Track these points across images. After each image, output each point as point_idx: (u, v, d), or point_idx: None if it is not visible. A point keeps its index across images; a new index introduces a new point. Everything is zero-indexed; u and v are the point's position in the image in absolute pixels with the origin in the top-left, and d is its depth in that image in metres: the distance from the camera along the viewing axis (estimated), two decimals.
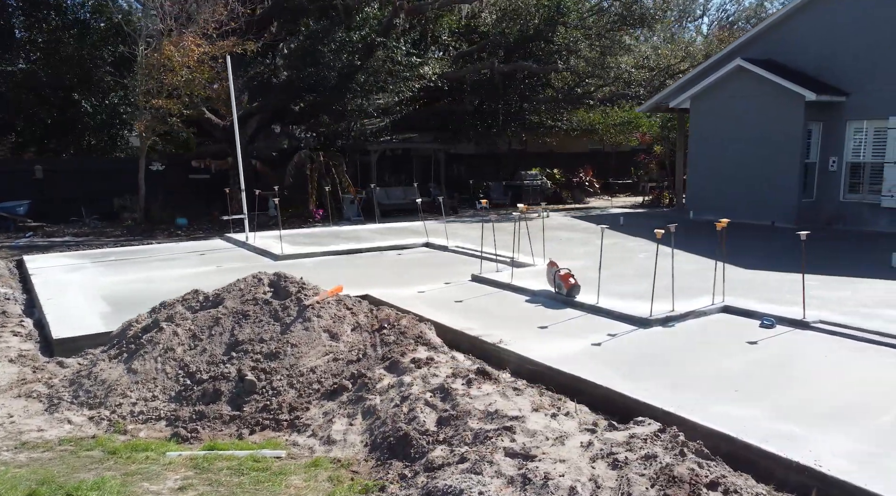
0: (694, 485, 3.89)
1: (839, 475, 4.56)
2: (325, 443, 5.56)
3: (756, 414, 5.60)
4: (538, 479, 4.19)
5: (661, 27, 27.81)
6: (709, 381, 6.35)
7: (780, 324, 8.28)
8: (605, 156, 32.72)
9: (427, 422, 5.31)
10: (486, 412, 5.20)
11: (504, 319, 8.69)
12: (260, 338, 6.77)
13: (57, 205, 20.24)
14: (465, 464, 4.53)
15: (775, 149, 17.85)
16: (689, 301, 9.21)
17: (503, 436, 4.83)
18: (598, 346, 7.51)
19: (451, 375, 5.85)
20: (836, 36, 17.29)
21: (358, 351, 6.72)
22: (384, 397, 5.87)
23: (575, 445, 4.66)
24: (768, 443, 5.04)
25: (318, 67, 20.11)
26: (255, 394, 6.25)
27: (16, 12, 25.24)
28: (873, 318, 8.21)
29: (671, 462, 4.08)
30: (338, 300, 7.38)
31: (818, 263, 12.18)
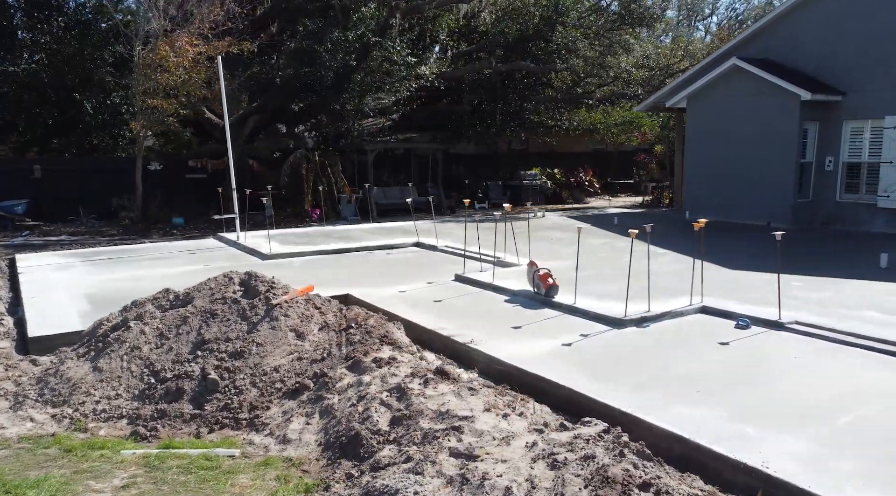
0: (626, 485, 3.86)
1: (784, 476, 4.53)
2: (280, 442, 5.57)
3: (714, 414, 5.57)
4: (476, 479, 4.18)
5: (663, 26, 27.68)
6: (673, 382, 6.31)
7: (755, 325, 8.22)
8: (607, 156, 32.62)
9: (380, 422, 5.31)
10: (437, 412, 5.19)
11: (480, 319, 8.68)
12: (226, 337, 6.80)
13: (55, 204, 20.40)
14: (408, 464, 4.53)
15: (771, 148, 17.73)
16: (666, 301, 9.16)
17: (450, 436, 4.82)
18: (568, 347, 7.48)
19: (409, 375, 5.85)
20: (832, 35, 17.15)
21: (323, 350, 6.73)
22: (342, 397, 5.88)
23: (520, 446, 4.64)
24: (719, 444, 5.01)
25: (315, 67, 20.16)
26: (218, 392, 6.26)
27: (17, 13, 25.45)
28: (850, 319, 8.14)
29: (607, 463, 4.06)
30: (307, 299, 7.39)
31: (808, 264, 12.12)
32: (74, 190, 20.77)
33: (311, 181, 20.25)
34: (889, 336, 7.37)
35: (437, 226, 18.45)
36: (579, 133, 30.13)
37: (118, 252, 14.73)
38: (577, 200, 27.94)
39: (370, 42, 20.26)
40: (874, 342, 7.31)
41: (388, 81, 20.96)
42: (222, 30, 20.33)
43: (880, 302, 9.07)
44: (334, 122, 22.26)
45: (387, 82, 20.93)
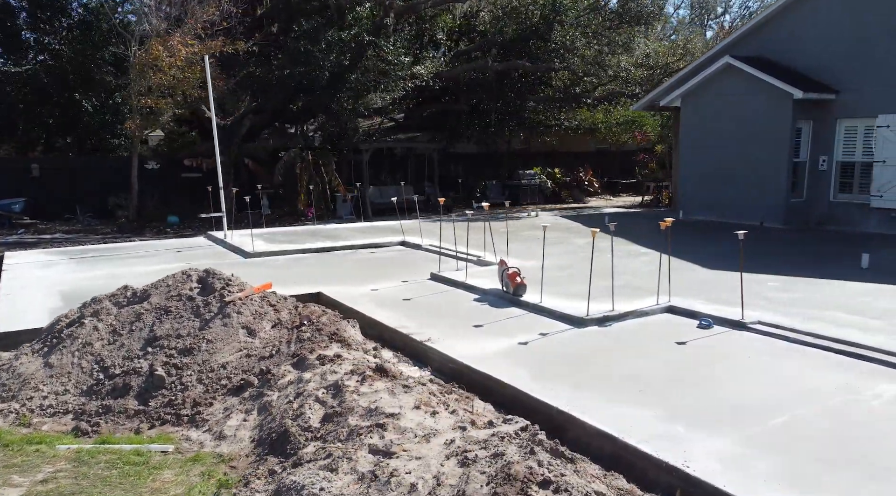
0: (526, 482, 3.84)
1: (702, 476, 4.49)
2: (216, 439, 5.60)
3: (651, 414, 5.54)
4: (384, 476, 4.18)
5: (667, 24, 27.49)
6: (618, 381, 6.28)
7: (718, 325, 8.16)
8: (609, 155, 32.47)
9: (312, 419, 5.32)
10: (367, 409, 5.20)
11: (445, 317, 8.67)
12: (177, 333, 6.84)
13: (53, 202, 20.63)
14: (325, 460, 4.54)
15: (763, 148, 17.56)
16: (633, 301, 9.11)
17: (374, 433, 4.83)
18: (524, 345, 7.46)
19: (349, 372, 5.86)
20: (827, 33, 16.96)
21: (273, 347, 6.76)
22: (282, 393, 5.90)
23: (439, 443, 4.63)
24: (646, 444, 4.98)
25: (310, 67, 20.22)
26: (164, 389, 6.31)
27: (21, 13, 25.75)
28: (815, 320, 8.05)
29: (513, 460, 4.04)
30: (262, 297, 7.43)
31: (790, 264, 12.00)
32: (72, 189, 21.01)
33: (304, 180, 20.32)
34: (848, 336, 7.28)
35: (429, 225, 18.46)
36: (581, 133, 30.03)
37: (105, 250, 14.87)
38: (577, 200, 27.84)
39: (364, 41, 20.30)
40: (832, 343, 7.23)
41: (383, 81, 20.97)
42: (217, 30, 20.48)
43: (851, 303, 8.96)
44: (331, 121, 22.33)
45: (382, 82, 20.95)
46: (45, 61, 25.85)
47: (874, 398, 5.82)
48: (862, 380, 6.23)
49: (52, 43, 25.87)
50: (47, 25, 25.65)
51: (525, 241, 15.39)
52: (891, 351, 6.81)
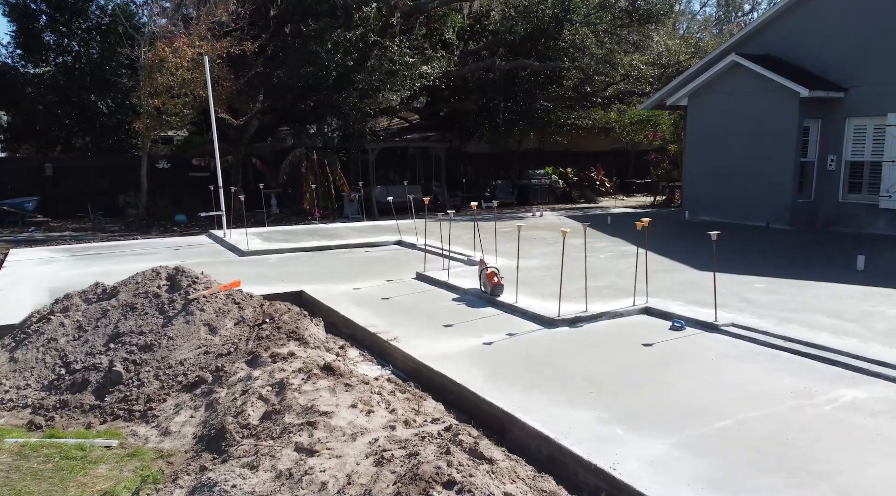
0: (430, 482, 3.82)
1: (626, 479, 4.44)
2: (161, 434, 5.67)
3: (595, 415, 5.48)
4: (298, 475, 4.20)
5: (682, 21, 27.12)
6: (572, 383, 6.21)
7: (691, 327, 8.04)
8: (625, 155, 32.14)
9: (252, 416, 5.36)
10: (305, 407, 5.22)
11: (418, 316, 8.67)
12: (140, 330, 6.94)
13: (65, 201, 21.07)
14: (249, 458, 4.57)
15: (770, 147, 17.25)
16: (610, 302, 9.03)
17: (304, 431, 4.85)
18: (488, 346, 7.42)
19: (297, 371, 5.89)
20: (835, 30, 16.60)
21: (232, 344, 6.82)
22: (230, 390, 5.95)
23: (364, 442, 4.64)
24: (580, 446, 4.93)
25: (316, 67, 20.35)
26: (121, 385, 6.40)
27: (40, 16, 26.31)
28: (791, 322, 7.89)
29: (423, 460, 4.03)
30: (227, 295, 7.49)
31: (784, 266, 11.79)
32: (84, 187, 21.42)
33: (309, 180, 20.45)
34: (818, 339, 7.13)
35: (431, 224, 18.46)
36: (595, 132, 29.80)
37: (107, 248, 15.14)
38: (589, 200, 27.63)
39: (370, 42, 20.36)
40: (801, 345, 7.08)
41: (389, 81, 21.01)
42: (226, 30, 20.71)
43: (833, 305, 8.76)
44: (338, 121, 22.45)
45: (388, 82, 20.99)
46: (63, 63, 26.40)
47: (828, 402, 5.69)
48: (821, 384, 6.09)
49: (72, 45, 26.42)
50: (65, 28, 26.20)
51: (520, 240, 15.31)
52: (858, 354, 6.65)
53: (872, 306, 8.68)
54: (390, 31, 20.97)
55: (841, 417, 5.37)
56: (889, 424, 5.21)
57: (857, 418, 5.34)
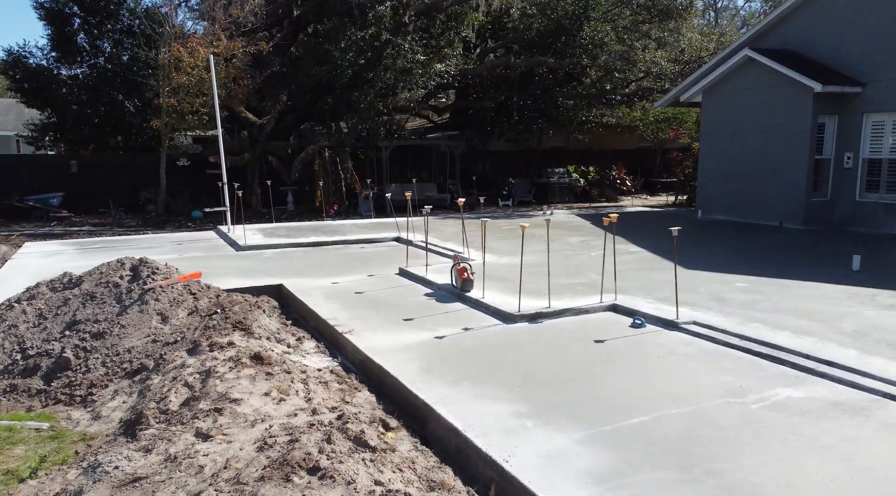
0: (295, 467, 3.85)
1: (514, 471, 4.40)
2: (93, 419, 5.83)
3: (513, 409, 5.43)
4: (183, 458, 4.28)
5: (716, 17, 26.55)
6: (504, 376, 6.16)
7: (652, 324, 7.90)
8: (651, 154, 31.63)
9: (173, 402, 5.47)
10: (221, 394, 5.30)
11: (382, 310, 8.70)
12: (95, 318, 7.14)
13: (89, 197, 21.76)
14: (147, 441, 4.67)
15: (783, 144, 16.78)
16: (578, 298, 8.91)
17: (209, 418, 4.93)
18: (439, 340, 7.41)
19: (226, 359, 5.98)
20: (853, 23, 16.06)
21: (179, 334, 6.97)
22: (164, 378, 6.08)
23: (261, 429, 4.69)
24: (484, 438, 4.90)
25: (329, 66, 20.56)
26: (69, 370, 6.60)
27: (73, 19, 27.19)
28: (755, 321, 7.68)
29: (296, 447, 4.06)
30: (185, 286, 7.65)
31: (780, 265, 11.46)
32: (107, 184, 22.08)
33: (321, 177, 20.70)
34: (774, 339, 6.92)
35: (436, 222, 18.53)
36: (620, 130, 29.42)
37: (115, 242, 15.58)
38: (610, 199, 27.28)
39: (383, 40, 20.48)
40: (756, 344, 6.89)
41: (402, 79, 21.09)
42: (243, 30, 21.13)
43: (810, 305, 8.48)
44: (354, 120, 22.64)
45: (401, 80, 21.08)
46: (95, 64, 27.25)
47: (758, 401, 5.52)
48: (760, 383, 5.92)
49: (104, 47, 27.25)
50: (97, 30, 27.03)
51: (518, 238, 15.23)
52: (809, 354, 6.44)
53: (850, 307, 8.38)
54: (403, 30, 21.06)
55: (763, 416, 5.21)
56: (808, 424, 5.04)
57: (779, 417, 5.17)
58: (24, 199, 20.51)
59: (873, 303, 8.54)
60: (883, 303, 8.52)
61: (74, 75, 27.54)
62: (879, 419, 5.14)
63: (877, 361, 6.22)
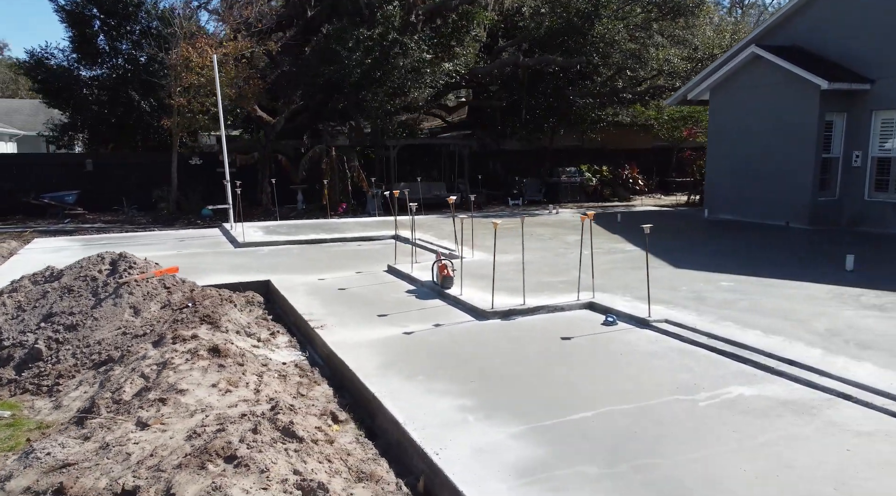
0: (212, 456, 3.92)
1: (442, 464, 4.44)
2: (54, 408, 5.98)
3: (458, 403, 5.45)
4: (115, 445, 4.38)
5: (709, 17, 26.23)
6: (460, 372, 6.18)
7: (625, 322, 7.85)
8: (667, 153, 31.31)
9: (127, 393, 5.59)
10: (170, 385, 5.41)
11: (360, 307, 8.76)
12: (71, 311, 7.31)
13: (103, 195, 22.20)
14: (88, 430, 4.79)
15: (790, 143, 16.51)
16: (557, 296, 8.88)
17: (153, 407, 5.03)
18: (407, 335, 7.46)
19: (185, 351, 6.09)
20: (863, 18, 15.73)
21: (149, 326, 7.10)
22: (125, 369, 6.21)
23: (197, 420, 4.77)
24: (421, 431, 4.94)
25: (337, 65, 20.72)
26: (41, 361, 6.77)
27: (93, 21, 27.75)
28: (727, 320, 7.59)
29: (220, 436, 4.14)
30: (160, 280, 7.79)
31: (772, 264, 11.29)
32: (121, 182, 22.51)
33: (328, 176, 20.87)
34: (744, 338, 6.84)
35: (440, 220, 18.60)
36: (636, 129, 29.17)
37: (121, 238, 15.88)
38: (622, 198, 27.06)
39: (390, 40, 20.57)
40: (722, 343, 6.82)
41: (410, 78, 21.16)
42: (254, 31, 21.38)
43: (790, 305, 8.34)
44: (364, 118, 22.79)
45: (409, 79, 21.15)
46: (114, 65, 27.77)
47: (708, 399, 5.47)
48: (716, 381, 5.86)
49: (123, 48, 27.77)
50: (115, 32, 27.55)
51: (517, 236, 15.21)
52: (772, 353, 6.36)
53: (830, 307, 8.24)
54: (411, 29, 21.13)
55: (708, 414, 5.16)
56: (750, 422, 4.98)
57: (723, 415, 5.12)
58: (40, 197, 21.01)
59: (856, 304, 8.38)
60: (866, 304, 8.36)
61: (94, 76, 28.13)
62: (826, 418, 5.07)
63: (839, 361, 6.12)
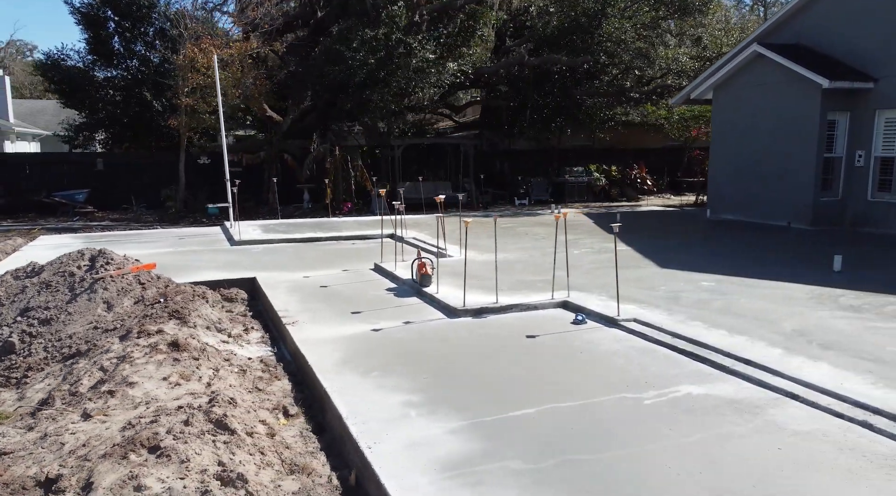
0: (137, 446, 4.02)
1: (370, 457, 4.50)
2: (18, 399, 6.13)
3: (405, 399, 5.51)
4: (51, 436, 4.50)
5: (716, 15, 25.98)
6: (416, 368, 6.23)
7: (595, 321, 7.85)
8: (679, 152, 31.05)
9: (84, 385, 5.72)
10: (122, 378, 5.53)
11: (336, 304, 8.84)
12: (46, 305, 7.49)
13: (114, 194, 22.58)
14: (34, 420, 4.92)
15: (791, 142, 16.31)
16: (532, 295, 8.90)
17: (101, 399, 5.16)
18: (375, 332, 7.53)
19: (146, 346, 6.22)
20: (866, 15, 15.49)
21: (120, 321, 7.25)
22: (89, 362, 6.35)
23: (140, 411, 4.89)
24: (362, 426, 5.00)
25: (342, 65, 20.86)
26: (13, 354, 6.95)
27: (108, 23, 28.22)
28: (697, 320, 7.56)
29: (149, 428, 4.24)
30: (135, 276, 7.95)
31: (759, 264, 11.19)
32: (131, 181, 22.87)
33: (332, 175, 21.03)
34: (708, 338, 6.81)
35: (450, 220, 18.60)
36: (646, 128, 29.00)
37: (122, 235, 16.16)
38: (630, 198, 26.90)
39: (394, 40, 20.67)
40: (683, 342, 6.79)
41: (415, 78, 21.23)
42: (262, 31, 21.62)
43: (765, 306, 8.27)
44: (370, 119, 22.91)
45: (414, 79, 21.22)
46: (129, 66, 28.23)
47: (655, 397, 5.47)
48: (668, 380, 5.85)
49: (137, 50, 28.21)
50: (129, 34, 28.00)
51: (511, 236, 15.28)
52: (730, 352, 6.33)
53: (805, 307, 8.15)
54: (414, 29, 21.20)
55: (650, 412, 5.16)
56: (690, 421, 4.97)
57: (665, 413, 5.12)
58: (51, 195, 21.42)
59: (833, 305, 8.29)
60: (843, 305, 8.27)
61: (109, 77, 28.61)
62: (768, 417, 5.04)
63: (795, 361, 6.07)
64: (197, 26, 20.33)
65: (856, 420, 4.89)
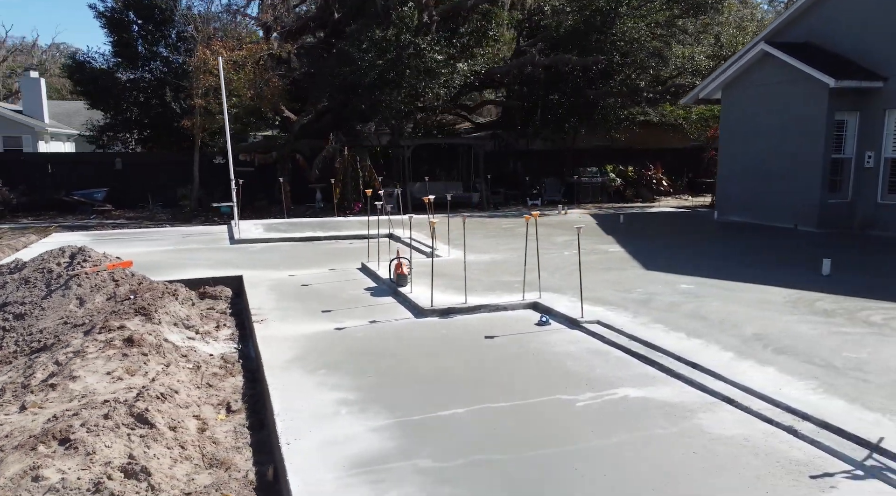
0: (49, 437, 4.16)
1: (287, 453, 4.59)
2: None
3: (341, 397, 5.58)
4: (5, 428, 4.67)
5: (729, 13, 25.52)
6: (365, 366, 6.30)
7: (559, 323, 7.83)
8: (698, 152, 30.61)
9: (37, 378, 5.91)
10: (68, 372, 5.70)
11: (311, 303, 8.95)
12: (23, 301, 7.74)
13: (132, 193, 23.10)
14: None
15: (798, 143, 15.99)
16: (504, 296, 8.90)
17: (42, 392, 5.33)
18: (338, 331, 7.61)
19: (102, 340, 6.40)
20: (876, 13, 15.14)
21: (90, 317, 7.46)
22: (48, 356, 6.55)
23: (74, 404, 5.04)
24: (290, 422, 5.09)
25: (353, 67, 21.04)
26: None
27: (132, 26, 28.89)
28: (660, 323, 7.50)
29: (66, 420, 4.37)
30: (110, 273, 8.16)
31: (746, 267, 11.04)
32: (148, 180, 23.38)
33: (340, 175, 21.23)
34: (664, 341, 6.75)
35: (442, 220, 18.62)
36: (664, 128, 28.68)
37: (131, 234, 16.54)
38: (645, 199, 26.61)
39: (404, 42, 20.78)
40: (639, 345, 6.74)
41: (425, 79, 21.31)
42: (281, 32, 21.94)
43: (736, 309, 8.15)
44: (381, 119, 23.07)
45: (424, 80, 21.30)
46: (152, 68, 28.87)
47: (590, 399, 5.45)
48: (610, 382, 5.82)
49: (160, 52, 28.85)
50: (151, 36, 28.63)
51: (510, 236, 15.27)
52: (680, 356, 6.27)
53: (775, 312, 8.00)
54: (424, 30, 21.29)
55: (578, 413, 5.16)
56: (615, 424, 4.95)
57: (593, 416, 5.10)
58: (70, 194, 22.02)
59: (806, 309, 8.13)
60: (816, 309, 8.10)
61: (133, 79, 29.29)
62: (696, 421, 4.99)
63: (742, 365, 5.99)
64: (208, 29, 20.66)
65: (782, 425, 4.82)
